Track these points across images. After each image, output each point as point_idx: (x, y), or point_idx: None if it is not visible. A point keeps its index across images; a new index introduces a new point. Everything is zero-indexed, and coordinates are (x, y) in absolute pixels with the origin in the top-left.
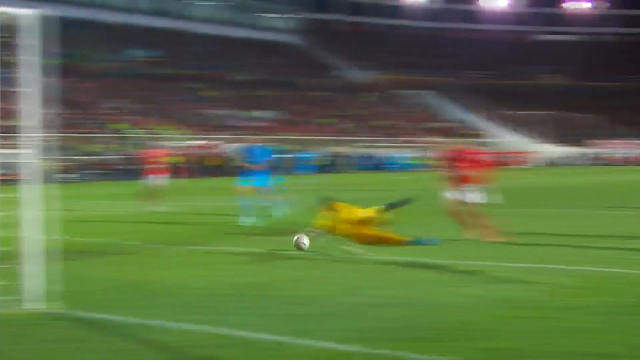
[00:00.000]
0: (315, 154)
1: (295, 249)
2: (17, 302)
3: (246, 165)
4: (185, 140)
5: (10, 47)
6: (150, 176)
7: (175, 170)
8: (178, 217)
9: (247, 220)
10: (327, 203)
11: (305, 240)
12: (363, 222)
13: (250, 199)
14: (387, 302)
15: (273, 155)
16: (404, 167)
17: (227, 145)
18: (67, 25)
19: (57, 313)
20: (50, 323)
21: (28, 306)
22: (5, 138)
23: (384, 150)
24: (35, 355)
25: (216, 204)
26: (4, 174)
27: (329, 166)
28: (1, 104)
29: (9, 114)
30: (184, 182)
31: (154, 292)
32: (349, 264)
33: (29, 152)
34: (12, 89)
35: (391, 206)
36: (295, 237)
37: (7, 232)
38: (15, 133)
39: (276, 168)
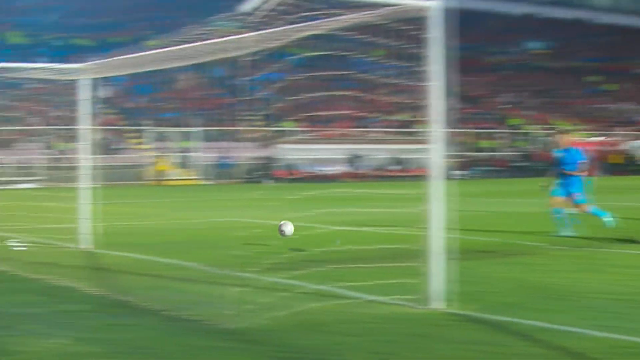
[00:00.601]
0: None
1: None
2: (420, 301)
3: (561, 171)
4: (585, 137)
5: (413, 39)
6: None
7: None
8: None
9: (566, 232)
10: None
11: (289, 227)
12: None
13: (565, 209)
14: None
15: (584, 159)
16: None
17: (630, 142)
18: (465, 17)
19: (458, 314)
20: (451, 324)
21: (430, 305)
22: (400, 133)
23: None
24: (438, 356)
25: (621, 204)
26: (402, 170)
27: None
28: (401, 98)
29: (407, 108)
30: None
31: (557, 295)
32: None
33: (431, 148)
34: (414, 83)
35: None
36: (281, 223)
37: (407, 229)
38: (413, 128)
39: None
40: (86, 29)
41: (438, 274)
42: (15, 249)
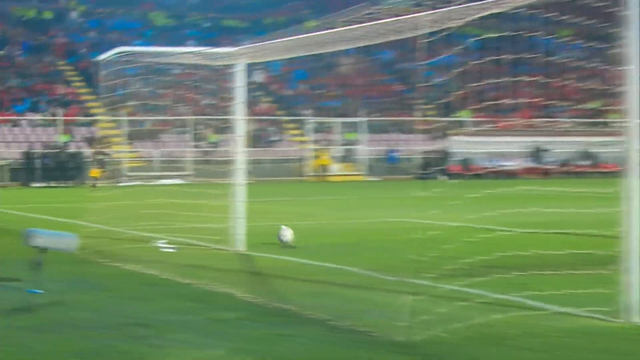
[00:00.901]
0: None
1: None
2: (615, 313)
3: None
4: None
5: (607, 17)
6: None
7: None
8: None
9: None
10: None
11: (287, 234)
12: None
13: None
14: None
15: None
16: None
17: None
18: None
19: None
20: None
21: (627, 319)
22: (591, 123)
23: None
24: None
25: None
26: (592, 165)
27: None
28: (593, 83)
29: (599, 96)
30: None
31: None
32: None
33: (626, 140)
34: (608, 67)
35: None
36: (282, 228)
37: (600, 233)
38: (605, 118)
39: None
40: (238, 9)
41: (636, 284)
42: (164, 250)
